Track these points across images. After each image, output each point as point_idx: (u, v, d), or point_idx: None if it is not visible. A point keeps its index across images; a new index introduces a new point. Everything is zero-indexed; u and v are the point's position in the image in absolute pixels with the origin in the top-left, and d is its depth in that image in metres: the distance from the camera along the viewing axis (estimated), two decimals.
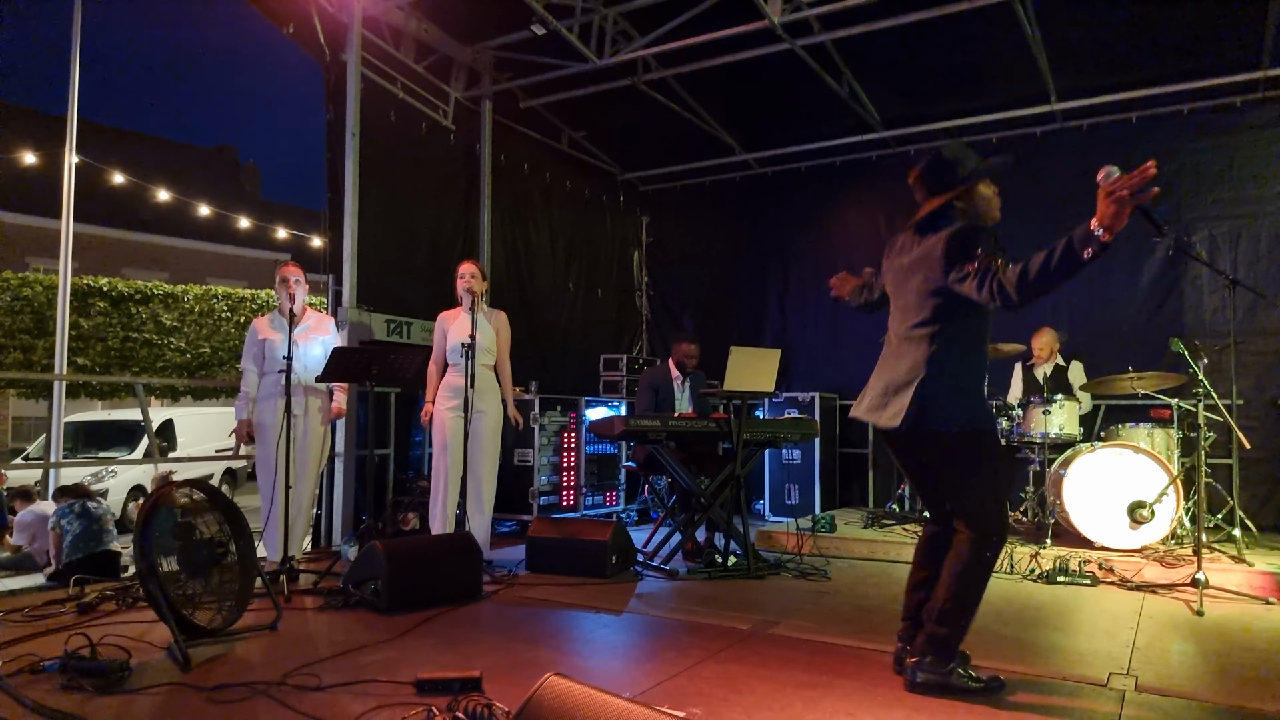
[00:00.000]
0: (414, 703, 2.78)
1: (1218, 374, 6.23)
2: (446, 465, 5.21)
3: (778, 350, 5.38)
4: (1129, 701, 3.01)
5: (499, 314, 5.52)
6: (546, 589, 4.79)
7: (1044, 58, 6.66)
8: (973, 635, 3.18)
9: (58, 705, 2.71)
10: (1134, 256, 7.40)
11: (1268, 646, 3.84)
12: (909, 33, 6.34)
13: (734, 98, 8.01)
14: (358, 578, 4.27)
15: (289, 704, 2.78)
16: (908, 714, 2.86)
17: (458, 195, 7.59)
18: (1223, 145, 7.14)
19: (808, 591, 4.89)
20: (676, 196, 9.90)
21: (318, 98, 6.54)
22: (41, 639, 3.56)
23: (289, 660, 3.28)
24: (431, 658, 3.39)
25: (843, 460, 8.34)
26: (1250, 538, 5.91)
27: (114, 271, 23.32)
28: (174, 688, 2.95)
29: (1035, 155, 7.75)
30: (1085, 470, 5.73)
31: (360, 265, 6.39)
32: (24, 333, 15.43)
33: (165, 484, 3.76)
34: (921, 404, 3.02)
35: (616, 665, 3.50)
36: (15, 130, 23.19)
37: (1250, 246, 7.04)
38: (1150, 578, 5.07)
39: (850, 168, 8.72)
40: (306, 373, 4.96)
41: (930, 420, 3.02)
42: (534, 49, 7.02)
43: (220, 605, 3.56)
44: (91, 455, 13.26)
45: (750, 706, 2.88)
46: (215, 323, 17.38)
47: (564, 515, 6.88)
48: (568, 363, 8.64)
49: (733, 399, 5.28)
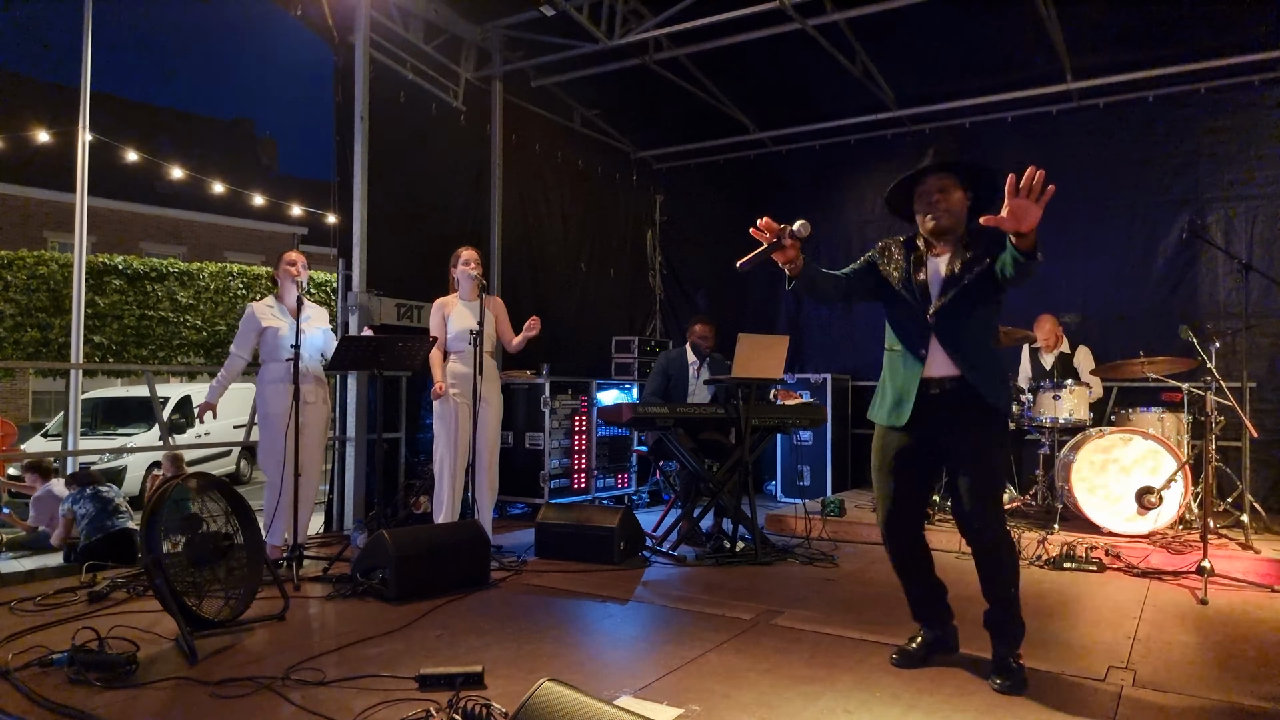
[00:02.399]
0: (415, 699, 2.82)
1: (1232, 356, 6.18)
2: (454, 453, 5.24)
3: (785, 337, 5.38)
4: (1125, 699, 3.01)
5: (495, 299, 5.55)
6: (554, 575, 4.84)
7: (1059, 36, 6.55)
8: (976, 625, 3.21)
9: (65, 700, 2.76)
10: (1149, 239, 7.33)
11: (1270, 636, 3.85)
12: (923, 11, 6.24)
13: (747, 76, 7.92)
14: (366, 566, 4.32)
15: (292, 700, 2.82)
16: (904, 711, 2.87)
17: (468, 176, 7.57)
18: (1240, 125, 7.02)
19: (814, 579, 4.92)
20: (691, 175, 9.84)
21: (331, 71, 6.53)
22: (53, 629, 3.62)
23: (294, 653, 3.34)
24: (436, 650, 3.43)
25: (855, 441, 8.34)
26: (1260, 522, 5.90)
27: (131, 245, 23.49)
28: (179, 682, 3.00)
29: (1052, 134, 7.68)
30: (1093, 455, 5.70)
31: (370, 249, 6.39)
32: (41, 310, 15.59)
33: (172, 477, 3.81)
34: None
35: (619, 658, 3.53)
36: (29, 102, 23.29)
37: (1267, 227, 6.94)
38: (1157, 564, 5.07)
39: (865, 146, 8.64)
40: (309, 360, 4.98)
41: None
42: (544, 28, 6.95)
43: (227, 596, 3.62)
44: (110, 432, 13.43)
45: (749, 703, 2.91)
46: (231, 300, 17.50)
47: (575, 499, 6.93)
48: (580, 344, 8.61)
49: (741, 386, 5.28)
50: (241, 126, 32.72)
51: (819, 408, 5.86)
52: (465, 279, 5.32)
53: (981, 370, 3.10)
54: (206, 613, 3.52)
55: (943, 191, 3.14)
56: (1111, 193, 7.45)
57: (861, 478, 8.41)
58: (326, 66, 6.56)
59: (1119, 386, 7.02)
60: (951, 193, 3.14)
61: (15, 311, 15.44)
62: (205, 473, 4.22)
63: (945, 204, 3.13)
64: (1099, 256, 7.40)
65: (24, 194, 22.69)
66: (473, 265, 5.32)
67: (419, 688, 2.93)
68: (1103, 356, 6.71)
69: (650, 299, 9.99)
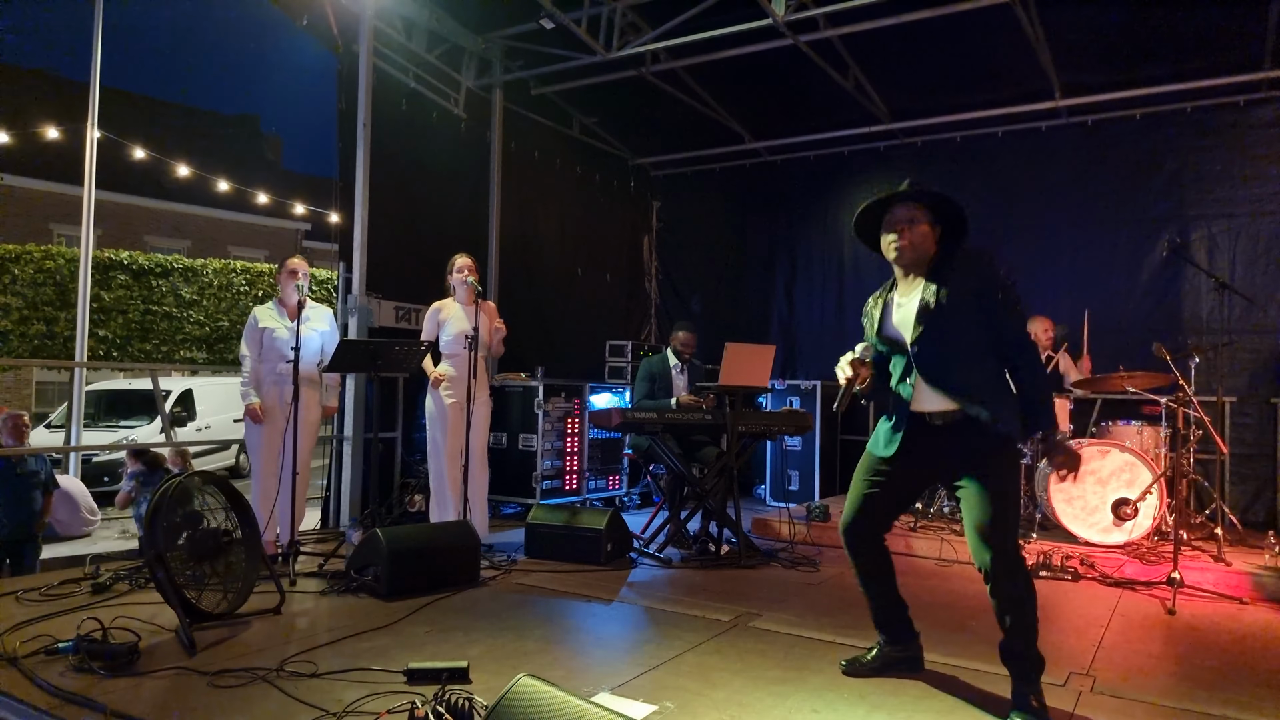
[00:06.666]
0: (403, 692, 2.96)
1: (1212, 372, 6.31)
2: (444, 454, 5.39)
3: (772, 346, 5.53)
4: (1082, 702, 3.14)
5: (488, 304, 5.75)
6: (542, 575, 4.98)
7: (1047, 56, 6.70)
8: (944, 631, 3.33)
9: (70, 687, 2.91)
10: (1134, 254, 7.46)
11: (1231, 646, 3.98)
12: (914, 30, 6.40)
13: (742, 89, 8.08)
14: (359, 563, 4.47)
15: (286, 690, 2.97)
16: (869, 710, 3.02)
17: (467, 182, 7.72)
18: (1225, 144, 7.17)
19: (795, 582, 5.06)
20: (687, 182, 9.99)
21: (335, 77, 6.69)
22: (58, 619, 3.77)
23: (289, 645, 3.49)
24: (425, 646, 3.57)
25: (844, 447, 8.48)
26: (1236, 535, 6.02)
27: (136, 239, 23.62)
28: (179, 672, 3.15)
29: (1041, 149, 7.83)
30: None
31: (370, 253, 6.54)
32: (47, 304, 15.80)
33: (177, 473, 3.96)
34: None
35: (600, 656, 3.67)
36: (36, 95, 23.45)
37: (1250, 245, 7.08)
38: (1130, 574, 5.19)
39: (858, 157, 8.79)
40: (304, 364, 5.13)
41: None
42: (544, 40, 7.10)
43: (226, 590, 3.77)
44: (112, 424, 13.58)
45: (721, 701, 3.05)
46: (234, 296, 17.68)
47: (566, 500, 7.07)
48: (575, 347, 8.76)
49: (727, 394, 5.42)
50: (247, 122, 32.84)
51: (805, 415, 6.00)
52: (460, 286, 5.49)
53: (977, 398, 3.02)
54: (205, 606, 3.66)
55: (910, 222, 3.15)
56: (1098, 208, 7.60)
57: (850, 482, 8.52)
58: (332, 65, 6.70)
59: (1102, 399, 7.15)
60: (918, 225, 3.15)
61: (22, 305, 15.64)
62: (207, 471, 4.37)
63: (909, 235, 3.15)
64: (1084, 270, 7.54)
65: (30, 186, 22.82)
66: (466, 272, 5.49)
67: (407, 681, 3.07)
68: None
69: (646, 303, 10.14)
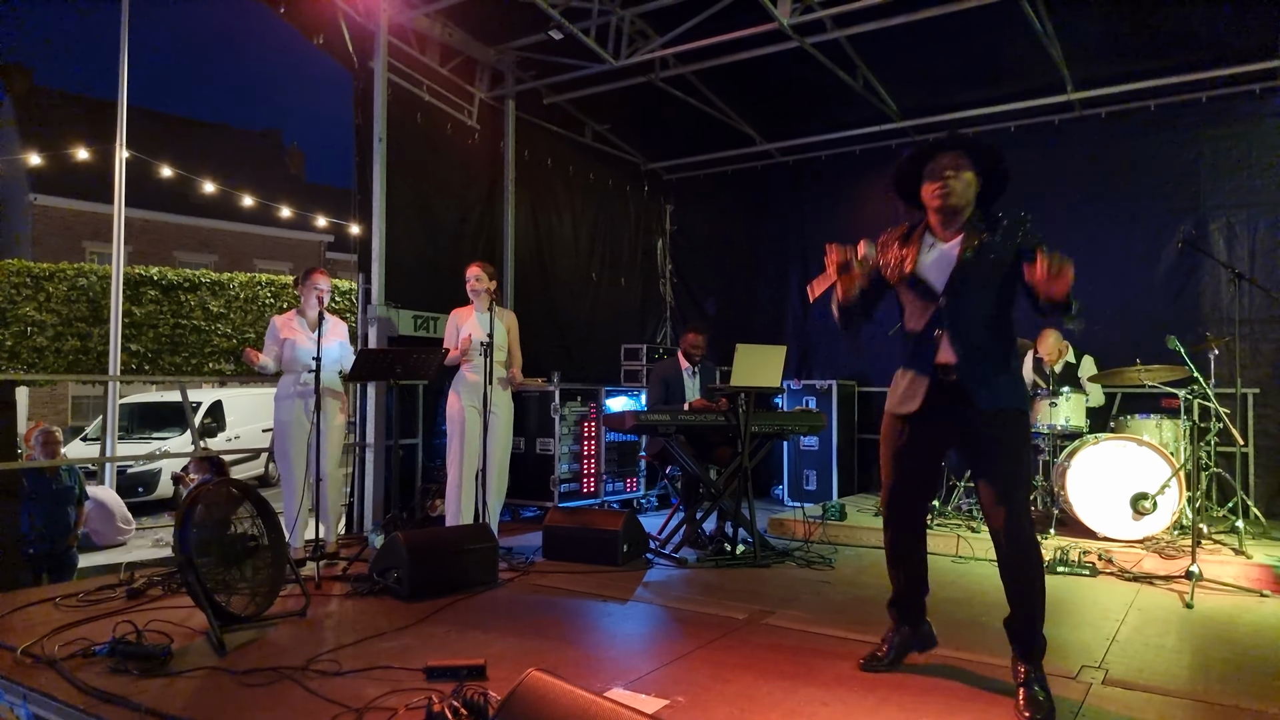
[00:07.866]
0: (422, 688, 3.05)
1: (1233, 363, 6.28)
2: (461, 459, 5.50)
3: (783, 347, 5.58)
4: (1093, 694, 3.16)
5: (509, 313, 5.86)
6: (560, 576, 5.07)
7: (1058, 50, 6.70)
8: (960, 626, 3.35)
9: (106, 687, 3.03)
10: (1151, 246, 7.44)
11: (1248, 639, 3.97)
12: (921, 28, 6.42)
13: (752, 91, 8.14)
14: (381, 566, 4.58)
15: (311, 688, 3.07)
16: (877, 703, 3.07)
17: (482, 192, 7.85)
18: (1241, 133, 7.13)
19: (809, 581, 5.10)
20: (700, 185, 10.07)
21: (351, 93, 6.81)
22: (94, 623, 3.90)
23: (314, 646, 3.60)
24: (444, 645, 3.67)
25: (860, 446, 8.51)
26: (1259, 528, 6.00)
27: (165, 255, 24.08)
28: (210, 672, 3.26)
29: (1055, 143, 7.82)
30: (1089, 462, 5.85)
31: (388, 264, 6.67)
32: (80, 320, 16.19)
33: (203, 482, 4.08)
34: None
35: (614, 654, 3.74)
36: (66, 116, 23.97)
37: (1269, 234, 7.03)
38: (1149, 569, 5.19)
39: (870, 156, 8.81)
40: (326, 374, 5.26)
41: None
42: (554, 50, 7.21)
43: (254, 594, 3.88)
44: (145, 436, 13.86)
45: (732, 695, 3.11)
46: (260, 309, 17.98)
47: (582, 503, 7.16)
48: (591, 351, 8.87)
49: (739, 394, 5.49)
50: (270, 137, 33.30)
51: (819, 414, 6.04)
52: (472, 294, 5.61)
53: (992, 357, 3.07)
54: (234, 609, 3.78)
55: (955, 168, 3.11)
56: (1114, 200, 7.58)
57: (867, 482, 8.57)
58: (348, 80, 6.83)
59: (1122, 393, 7.14)
60: (963, 171, 3.11)
61: (56, 321, 16.05)
62: (235, 479, 4.50)
63: (956, 180, 3.10)
64: (1101, 264, 7.51)
65: (62, 205, 23.37)
66: (472, 281, 5.61)
67: (426, 678, 3.17)
68: (1104, 363, 6.83)
69: (661, 307, 10.22)
